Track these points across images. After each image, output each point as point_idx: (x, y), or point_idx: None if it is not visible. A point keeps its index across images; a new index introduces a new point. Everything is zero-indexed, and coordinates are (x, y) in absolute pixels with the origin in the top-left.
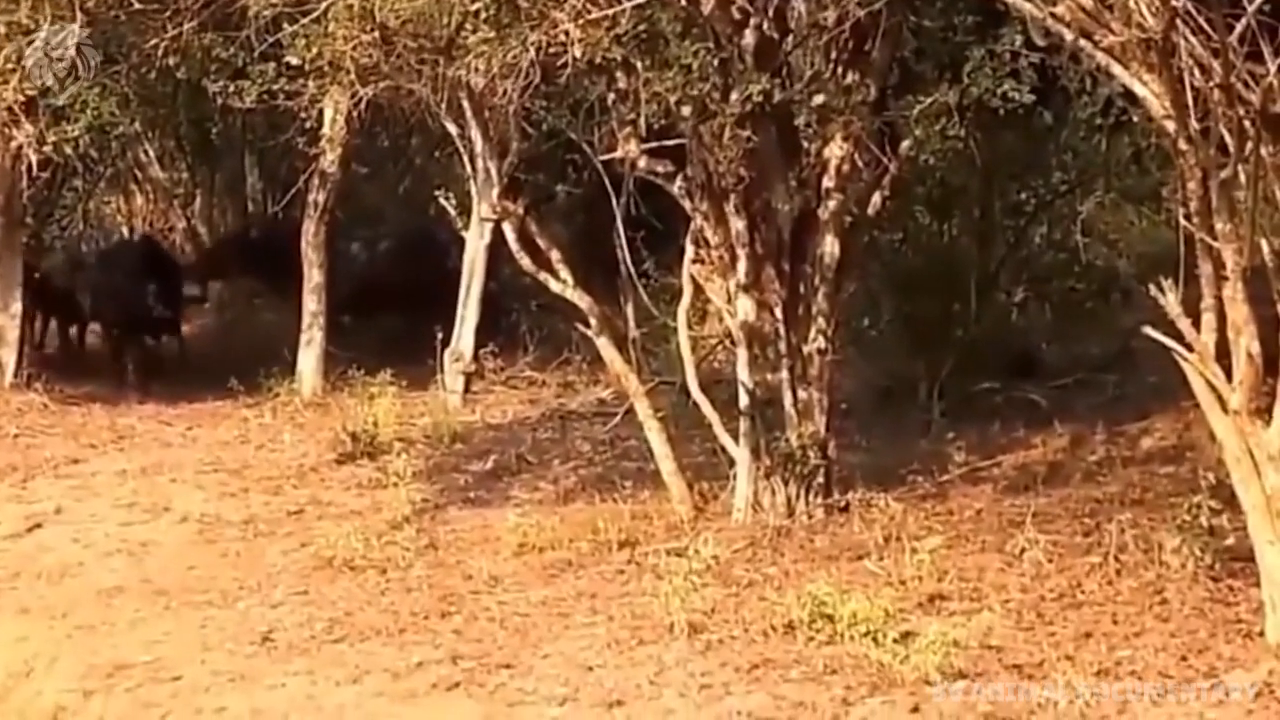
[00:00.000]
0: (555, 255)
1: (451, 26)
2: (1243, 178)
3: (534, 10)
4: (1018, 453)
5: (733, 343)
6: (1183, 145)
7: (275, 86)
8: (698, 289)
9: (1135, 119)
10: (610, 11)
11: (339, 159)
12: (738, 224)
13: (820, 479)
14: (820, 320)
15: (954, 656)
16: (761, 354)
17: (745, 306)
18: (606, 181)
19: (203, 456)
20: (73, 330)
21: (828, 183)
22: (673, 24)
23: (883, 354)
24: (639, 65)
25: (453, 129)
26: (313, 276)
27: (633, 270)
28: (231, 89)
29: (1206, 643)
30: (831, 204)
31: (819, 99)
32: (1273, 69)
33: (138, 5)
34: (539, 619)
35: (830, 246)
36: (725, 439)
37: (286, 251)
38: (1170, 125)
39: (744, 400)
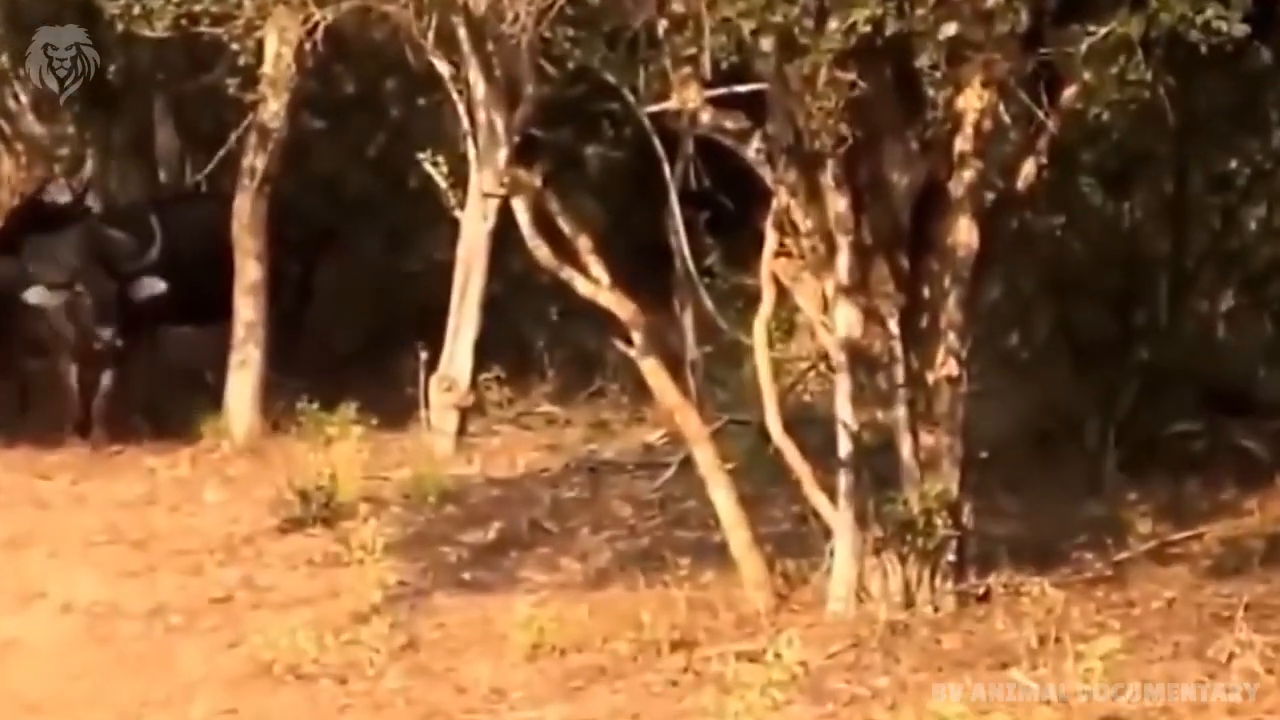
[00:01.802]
0: (585, 244)
1: None
2: None
3: None
4: (1224, 520)
5: (830, 367)
6: None
7: (197, 6)
8: (781, 292)
9: None
10: None
11: (285, 108)
12: (838, 202)
13: (950, 556)
14: (951, 336)
15: None
16: (870, 382)
17: (847, 316)
18: (656, 142)
19: (93, 523)
20: None
21: (962, 145)
22: None
23: (1038, 383)
24: None
25: (443, 68)
26: (247, 271)
27: (692, 266)
28: (136, 10)
29: None
30: (967, 175)
31: (950, 29)
32: None
33: None
34: None
35: (965, 234)
36: (819, 500)
37: (208, 235)
38: None
39: (845, 447)
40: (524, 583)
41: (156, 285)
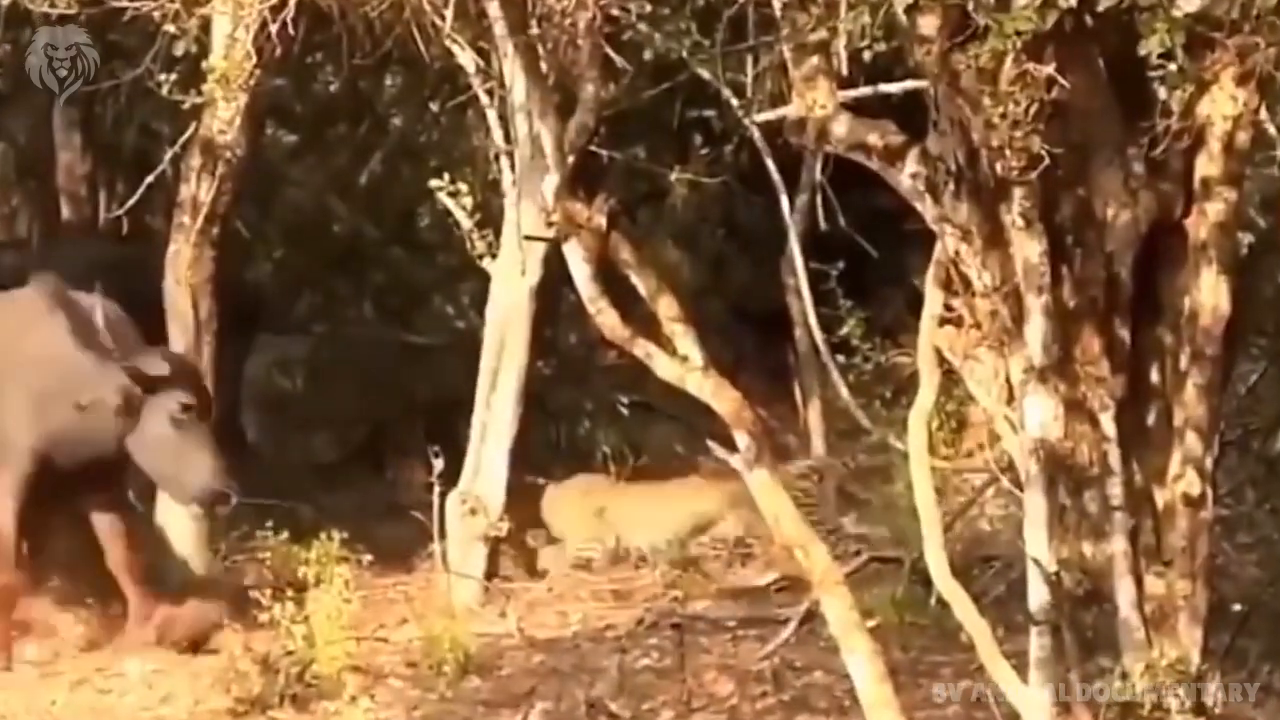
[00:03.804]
0: (668, 308)
1: None
2: None
3: None
4: None
5: (1016, 482)
6: None
7: None
8: (948, 376)
9: None
10: None
11: (240, 116)
12: (1029, 248)
13: None
14: (1190, 437)
15: None
16: (1074, 504)
17: (1042, 409)
18: (770, 165)
19: None
20: None
21: (1206, 168)
22: None
23: None
24: None
25: (468, 61)
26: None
27: (820, 339)
28: None
29: None
30: (1212, 210)
31: (1190, 2)
32: None
33: None
34: None
35: (1209, 292)
36: (999, 671)
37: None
38: None
39: (1038, 595)
40: None
41: None
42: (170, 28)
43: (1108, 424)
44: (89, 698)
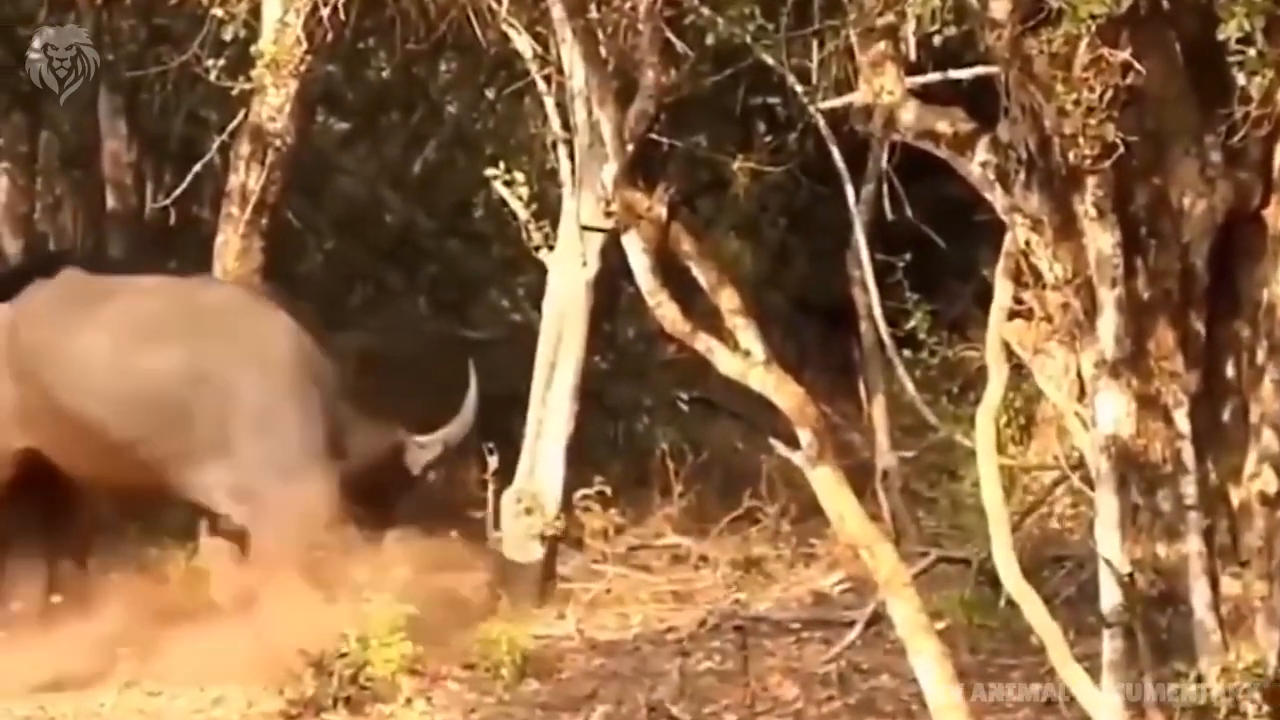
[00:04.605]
0: (729, 300)
1: None
2: None
3: None
4: None
5: (1087, 480)
6: None
7: None
8: (1018, 371)
9: None
10: None
11: (291, 103)
12: (1102, 239)
13: None
14: (1267, 434)
15: None
16: (1147, 503)
17: (1114, 405)
18: (835, 154)
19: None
20: None
21: None
22: None
23: None
24: None
25: (525, 46)
26: None
27: (886, 333)
28: None
29: None
30: None
31: None
32: None
33: None
34: None
35: None
36: (1071, 674)
37: None
38: None
39: (1111, 596)
40: None
41: None
42: (218, 12)
43: (1182, 420)
44: (138, 700)
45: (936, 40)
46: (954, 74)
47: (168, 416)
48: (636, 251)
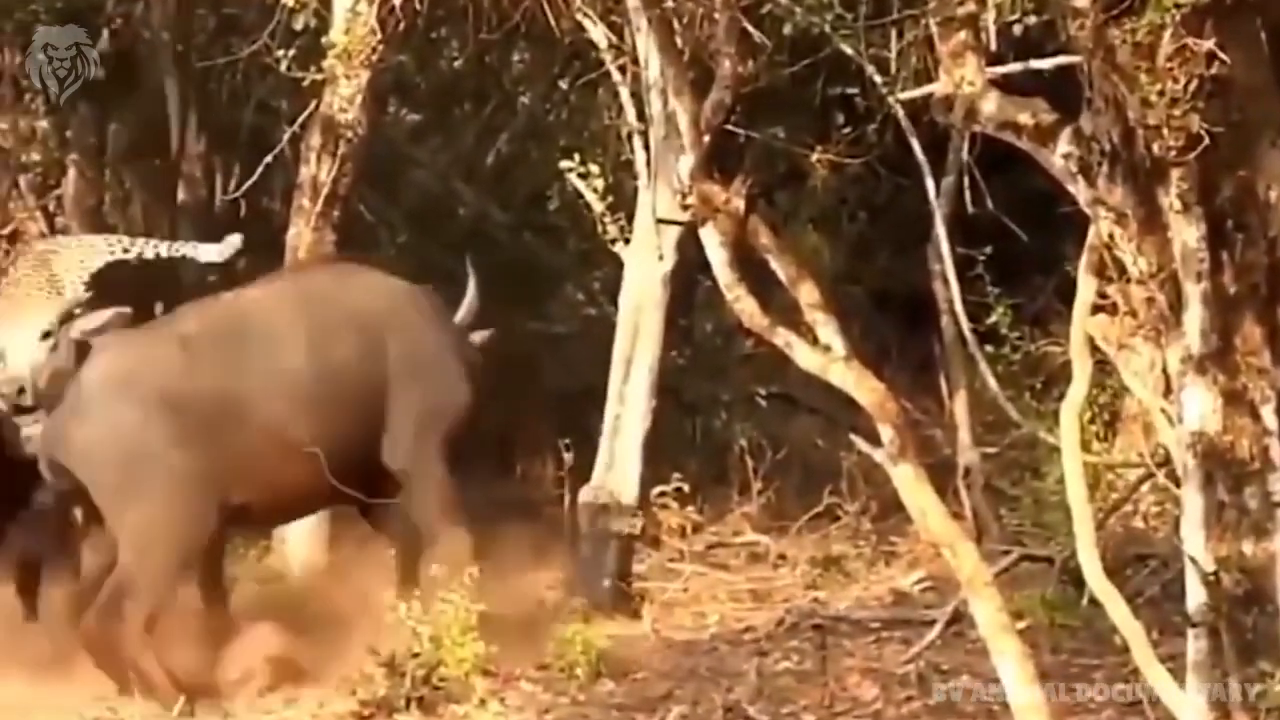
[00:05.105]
0: (808, 294)
1: None
2: None
3: None
4: None
5: (1172, 477)
6: None
7: None
8: (1101, 366)
9: None
10: None
11: (362, 94)
12: (1187, 232)
13: None
14: None
15: None
16: (1234, 500)
17: (1200, 401)
18: (914, 145)
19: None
20: None
21: None
22: None
23: None
24: None
25: (600, 36)
26: None
27: (967, 328)
28: None
29: None
30: None
31: None
32: None
33: None
34: None
35: None
36: (1155, 674)
37: None
38: None
39: (1196, 595)
40: None
41: None
42: (289, 1)
43: (1269, 416)
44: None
45: (1018, 30)
46: (1036, 64)
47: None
48: (714, 245)
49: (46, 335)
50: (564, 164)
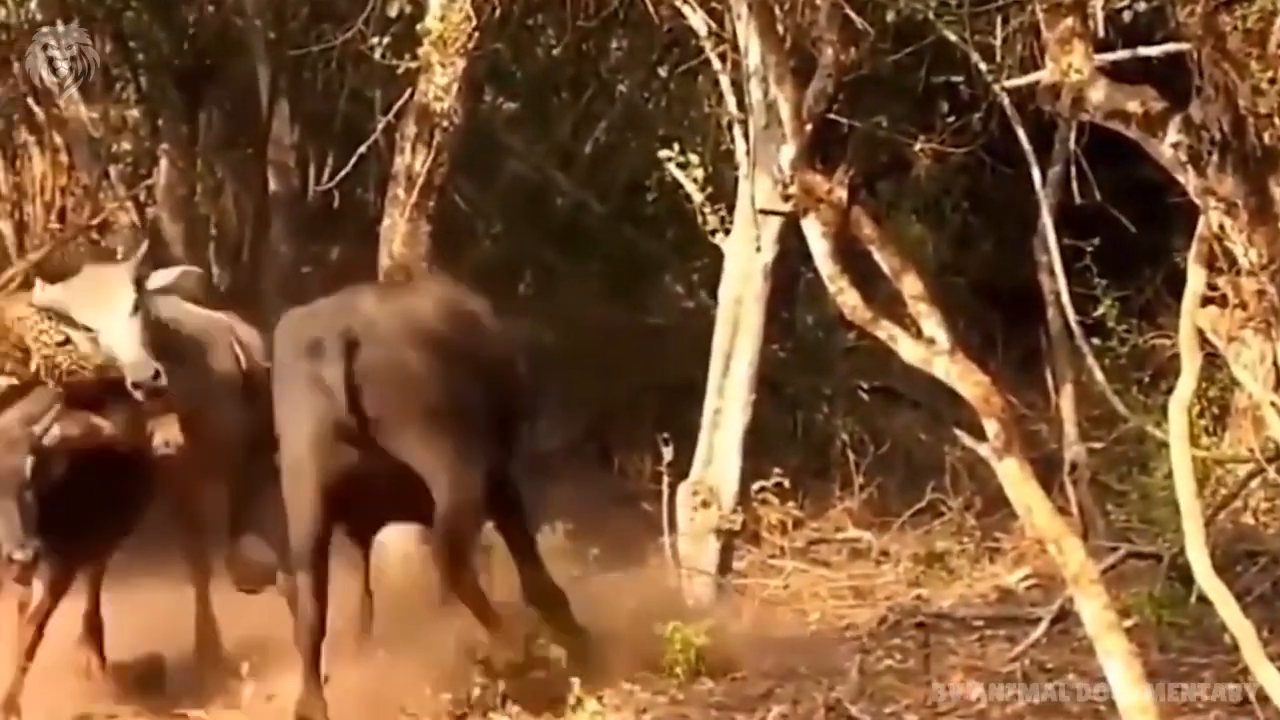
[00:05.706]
0: (913, 286)
1: None
2: None
3: None
4: None
5: None
6: None
7: None
8: (1211, 359)
9: None
10: None
11: (459, 82)
12: None
13: None
14: None
15: None
16: None
17: None
18: (1020, 135)
19: None
20: None
21: None
22: None
23: None
24: None
25: (699, 23)
26: None
27: (1074, 320)
28: None
29: None
30: None
31: None
32: None
33: None
34: None
35: None
36: (1265, 673)
37: None
38: None
39: None
40: None
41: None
42: None
43: None
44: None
45: (1126, 16)
46: (1144, 51)
47: None
48: (816, 236)
49: (136, 309)
50: (663, 153)
